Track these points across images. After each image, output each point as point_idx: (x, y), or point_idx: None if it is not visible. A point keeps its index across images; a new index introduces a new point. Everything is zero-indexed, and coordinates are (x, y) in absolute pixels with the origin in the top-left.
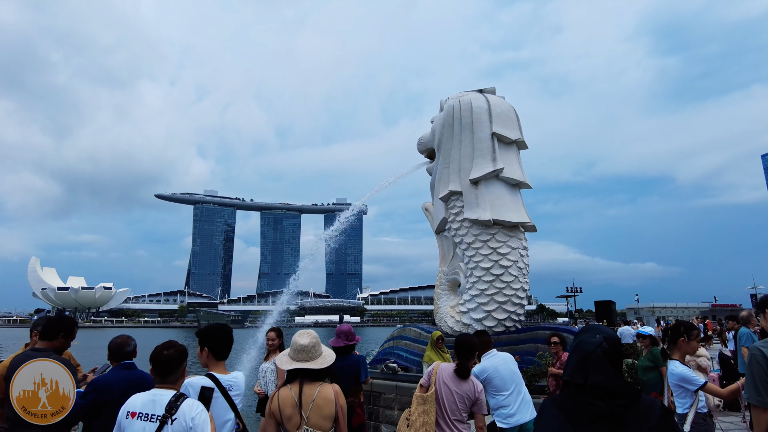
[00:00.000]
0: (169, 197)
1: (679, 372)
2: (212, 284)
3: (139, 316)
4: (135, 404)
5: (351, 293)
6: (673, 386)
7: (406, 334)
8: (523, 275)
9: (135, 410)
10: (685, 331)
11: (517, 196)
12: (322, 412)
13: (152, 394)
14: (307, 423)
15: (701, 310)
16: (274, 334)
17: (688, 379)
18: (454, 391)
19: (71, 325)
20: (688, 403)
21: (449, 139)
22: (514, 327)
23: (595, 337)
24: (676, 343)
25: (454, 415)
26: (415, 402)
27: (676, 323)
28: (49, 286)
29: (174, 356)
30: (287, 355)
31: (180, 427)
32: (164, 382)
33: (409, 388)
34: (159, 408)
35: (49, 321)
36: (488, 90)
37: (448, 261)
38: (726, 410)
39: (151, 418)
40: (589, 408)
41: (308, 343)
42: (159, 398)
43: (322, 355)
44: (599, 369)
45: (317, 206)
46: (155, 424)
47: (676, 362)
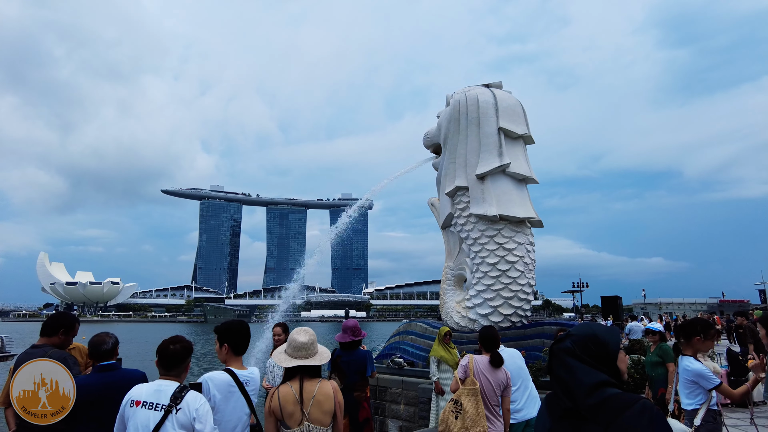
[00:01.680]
0: (175, 192)
1: (696, 369)
2: (219, 279)
3: (147, 311)
4: (140, 393)
5: (356, 288)
6: (686, 382)
7: (411, 329)
8: (529, 271)
9: (140, 399)
10: (702, 330)
11: (524, 192)
12: (323, 408)
13: (158, 384)
14: (308, 419)
15: (709, 306)
16: (280, 329)
17: (706, 376)
18: (491, 380)
19: (71, 322)
20: (700, 400)
21: (455, 134)
22: (520, 322)
23: (564, 334)
24: (690, 339)
25: (492, 401)
26: (465, 395)
27: (693, 320)
28: (58, 281)
29: (179, 351)
30: (284, 352)
31: (184, 416)
32: (169, 375)
33: (415, 383)
34: (164, 398)
35: (49, 318)
36: (495, 84)
37: (454, 256)
38: (733, 406)
39: (156, 407)
40: (558, 403)
41: (307, 340)
42: (164, 389)
43: (319, 352)
44: (561, 365)
45: (323, 201)
46: (160, 413)
47: (690, 358)
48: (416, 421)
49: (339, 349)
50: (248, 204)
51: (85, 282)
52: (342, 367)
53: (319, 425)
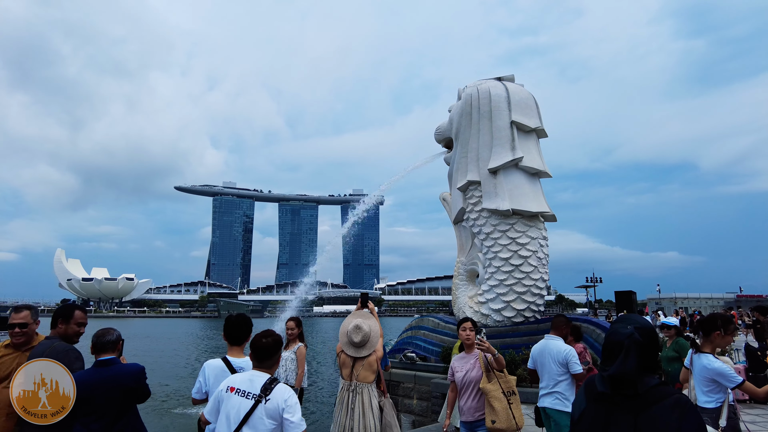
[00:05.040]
0: (189, 189)
1: (717, 368)
2: (232, 275)
3: (161, 306)
4: (235, 381)
5: (368, 283)
6: (705, 380)
7: (424, 325)
8: (542, 265)
9: (235, 386)
10: (722, 325)
11: (537, 186)
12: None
13: (251, 374)
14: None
15: (726, 301)
16: (293, 323)
17: (727, 375)
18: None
19: (67, 310)
20: (720, 398)
21: (467, 128)
22: (533, 317)
23: (627, 328)
24: (709, 335)
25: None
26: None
27: (713, 315)
28: (75, 277)
29: (271, 344)
30: (344, 344)
31: (273, 407)
32: (261, 366)
33: (427, 378)
34: (255, 388)
35: (57, 309)
36: (507, 78)
37: (466, 251)
38: (750, 402)
39: (248, 396)
40: (596, 387)
41: (359, 341)
42: (256, 379)
43: (370, 341)
44: (625, 352)
45: (334, 197)
46: (251, 402)
47: (710, 356)
48: (429, 415)
49: None
50: (260, 200)
51: (100, 278)
52: None
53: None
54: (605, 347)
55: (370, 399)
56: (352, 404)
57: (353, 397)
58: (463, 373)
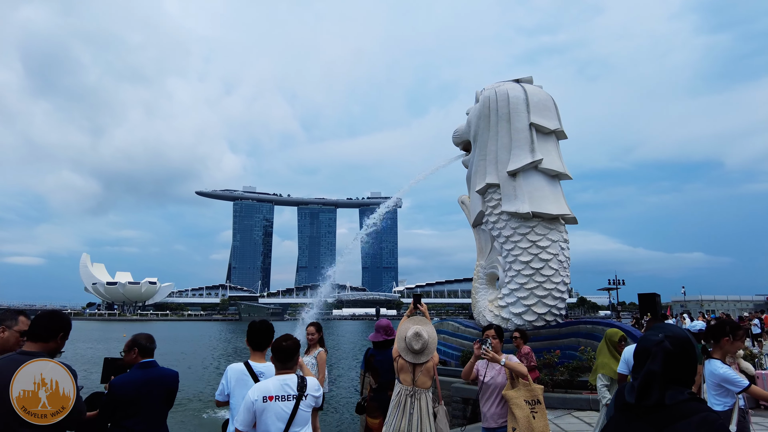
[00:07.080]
0: (209, 194)
1: (722, 374)
2: (252, 278)
3: (183, 310)
4: (269, 389)
5: (387, 286)
6: (713, 386)
7: (443, 329)
8: (563, 268)
9: (271, 394)
10: (730, 331)
11: (557, 188)
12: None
13: (281, 379)
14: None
15: (755, 303)
16: (313, 328)
17: (732, 380)
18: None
19: (69, 324)
20: (728, 402)
21: (485, 130)
22: (554, 321)
23: (657, 336)
24: (719, 341)
25: None
26: (541, 393)
27: (720, 321)
28: (99, 281)
29: (291, 347)
30: (402, 349)
31: (311, 399)
32: (285, 368)
33: (447, 383)
34: (291, 389)
35: (41, 318)
36: (525, 79)
37: (485, 254)
38: (760, 408)
39: (288, 398)
40: (622, 398)
41: (419, 348)
42: (289, 382)
43: (428, 348)
44: (655, 361)
45: (352, 200)
46: (292, 402)
47: (717, 362)
48: (449, 420)
49: (372, 348)
50: (280, 204)
51: (124, 282)
52: (376, 366)
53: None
54: (635, 356)
55: (427, 405)
56: (411, 409)
57: (412, 402)
58: (489, 377)
